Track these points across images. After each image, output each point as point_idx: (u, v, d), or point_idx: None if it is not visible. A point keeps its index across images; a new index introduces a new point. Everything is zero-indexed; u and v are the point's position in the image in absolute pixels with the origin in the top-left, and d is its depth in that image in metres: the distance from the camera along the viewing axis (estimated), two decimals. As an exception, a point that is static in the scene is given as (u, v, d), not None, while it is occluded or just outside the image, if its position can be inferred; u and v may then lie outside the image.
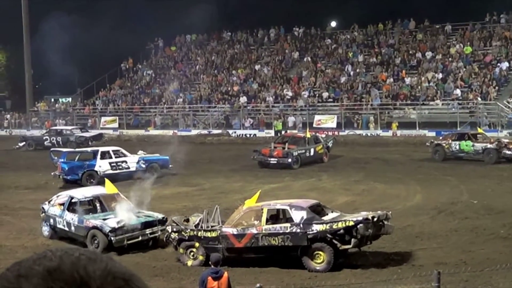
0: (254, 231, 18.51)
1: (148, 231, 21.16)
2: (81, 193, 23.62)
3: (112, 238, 20.60)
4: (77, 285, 1.33)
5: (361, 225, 17.60)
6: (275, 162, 36.30)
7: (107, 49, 66.17)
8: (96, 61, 65.87)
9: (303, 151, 37.10)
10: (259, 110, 57.77)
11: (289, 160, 36.15)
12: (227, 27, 70.21)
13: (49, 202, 23.53)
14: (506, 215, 23.34)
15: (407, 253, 19.12)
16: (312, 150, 37.57)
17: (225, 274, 13.64)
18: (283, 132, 52.54)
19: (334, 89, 56.92)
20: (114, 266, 1.39)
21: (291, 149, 36.75)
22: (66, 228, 22.16)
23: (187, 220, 20.27)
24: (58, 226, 22.47)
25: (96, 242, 20.97)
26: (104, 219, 21.36)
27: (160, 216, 21.73)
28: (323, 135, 43.71)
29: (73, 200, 22.59)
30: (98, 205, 22.81)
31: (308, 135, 38.68)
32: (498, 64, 52.97)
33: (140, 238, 21.01)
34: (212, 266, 13.92)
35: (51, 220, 22.74)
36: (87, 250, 1.45)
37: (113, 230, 20.70)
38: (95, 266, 1.36)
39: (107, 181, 23.65)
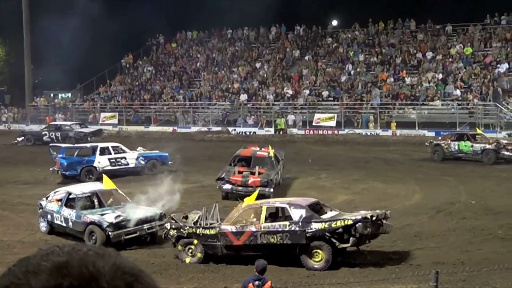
0: (253, 229, 18.53)
1: (146, 226, 21.21)
2: (79, 189, 23.68)
3: (109, 233, 20.66)
4: (86, 281, 1.32)
5: (360, 224, 17.63)
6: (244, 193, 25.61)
7: (108, 45, 66.16)
8: (96, 57, 65.76)
9: (277, 174, 28.80)
10: (259, 108, 57.76)
11: (271, 189, 27.08)
12: (228, 24, 70.17)
13: (46, 198, 23.57)
14: (504, 216, 23.40)
15: (405, 252, 19.15)
16: (279, 172, 29.53)
17: (268, 283, 13.40)
18: (281, 132, 52.61)
19: (334, 88, 56.87)
20: (123, 262, 1.39)
21: (267, 175, 28.10)
22: (64, 224, 22.21)
23: (186, 217, 20.29)
24: (56, 221, 22.51)
25: (93, 238, 21.01)
26: (102, 215, 21.42)
27: (158, 211, 21.73)
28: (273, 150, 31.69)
29: (71, 196, 22.64)
30: (96, 201, 22.87)
31: (272, 152, 30.27)
32: (498, 65, 52.94)
33: (138, 233, 21.06)
34: (256, 273, 13.61)
35: (49, 216, 22.79)
36: (95, 246, 1.45)
37: (111, 225, 20.77)
38: (104, 262, 1.36)
39: (104, 177, 23.77)
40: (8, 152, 45.59)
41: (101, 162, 33.45)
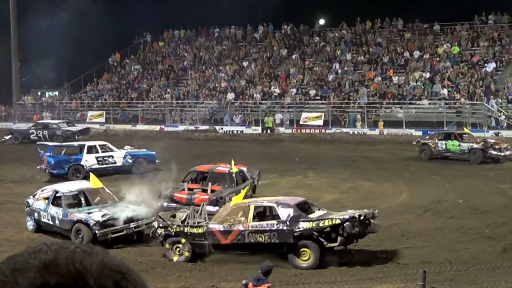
0: (240, 227, 18.54)
1: (132, 224, 21.22)
2: (66, 187, 23.71)
3: (96, 232, 20.69)
4: (73, 279, 1.32)
5: (347, 223, 17.65)
6: None
7: (95, 43, 66.04)
8: (83, 55, 65.62)
9: (234, 194, 23.72)
10: (246, 107, 57.75)
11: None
12: (215, 23, 70.20)
13: (33, 196, 23.53)
14: (491, 215, 23.49)
15: (392, 251, 19.19)
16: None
17: (265, 285, 13.31)
18: (268, 131, 52.59)
19: (321, 87, 56.94)
20: (110, 260, 1.39)
21: (220, 192, 24.74)
22: (51, 222, 22.19)
23: (174, 216, 20.28)
24: (43, 220, 22.50)
25: (80, 236, 21.00)
26: (89, 213, 21.42)
27: (145, 210, 21.75)
28: (244, 168, 27.90)
29: (58, 194, 22.62)
30: (82, 199, 22.86)
31: (235, 169, 26.14)
32: (485, 64, 53.12)
33: (124, 232, 21.14)
34: (260, 274, 13.56)
35: (36, 214, 22.76)
36: (83, 243, 1.44)
37: (98, 223, 20.78)
38: (92, 260, 1.36)
39: (92, 175, 23.82)
40: (-5, 150, 45.42)
41: (88, 160, 33.41)
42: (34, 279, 1.32)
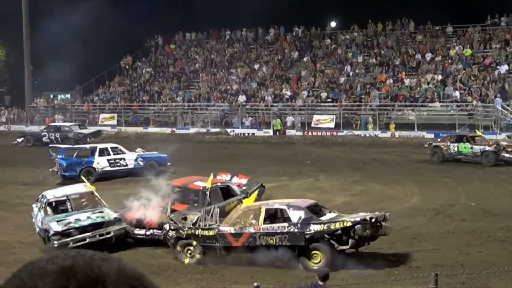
0: (251, 230, 18.53)
1: (97, 232, 20.80)
2: (52, 193, 23.15)
3: (55, 242, 20.19)
4: (93, 284, 1.34)
5: (359, 225, 17.63)
6: (144, 237, 21.22)
7: (107, 46, 66.22)
8: (95, 58, 65.81)
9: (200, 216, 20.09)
10: (257, 109, 57.74)
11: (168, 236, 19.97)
12: (226, 25, 70.22)
13: (37, 201, 23.31)
14: (504, 218, 23.37)
15: (404, 254, 19.13)
16: (217, 212, 20.11)
17: None
18: (277, 133, 52.52)
19: (333, 89, 56.89)
20: (125, 266, 1.41)
21: (178, 215, 20.81)
22: (37, 229, 21.82)
23: (185, 218, 20.26)
24: (35, 226, 22.23)
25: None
26: (58, 221, 20.91)
27: (112, 216, 21.34)
28: (244, 180, 26.36)
29: (45, 200, 22.29)
30: (68, 205, 22.30)
31: (209, 184, 22.64)
32: (498, 66, 52.93)
33: (87, 241, 20.50)
34: (318, 280, 13.36)
35: (33, 220, 22.59)
36: (98, 251, 1.46)
37: (57, 233, 20.40)
38: (109, 266, 1.38)
39: (82, 178, 23.82)
40: (8, 153, 45.58)
41: (100, 163, 33.49)
42: (53, 284, 1.34)
